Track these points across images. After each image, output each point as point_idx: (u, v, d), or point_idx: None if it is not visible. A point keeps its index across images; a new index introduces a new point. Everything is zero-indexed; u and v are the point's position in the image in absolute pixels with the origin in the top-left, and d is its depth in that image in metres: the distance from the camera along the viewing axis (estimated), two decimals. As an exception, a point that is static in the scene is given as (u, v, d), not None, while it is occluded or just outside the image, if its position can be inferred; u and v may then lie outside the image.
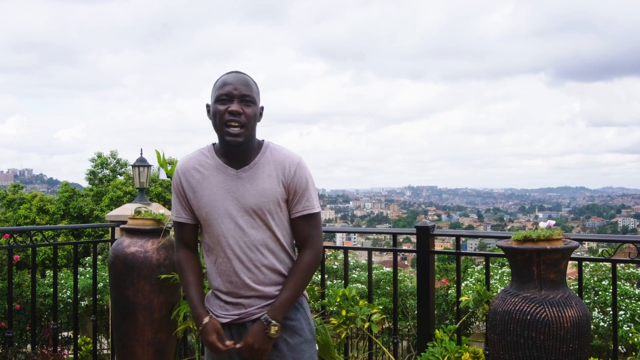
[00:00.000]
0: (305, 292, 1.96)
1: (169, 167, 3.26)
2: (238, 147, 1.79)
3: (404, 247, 3.82)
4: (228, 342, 1.79)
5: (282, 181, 1.84)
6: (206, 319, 1.84)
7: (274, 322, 1.79)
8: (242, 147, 1.81)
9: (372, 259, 3.49)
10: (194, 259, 1.97)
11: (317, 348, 2.01)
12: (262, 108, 1.88)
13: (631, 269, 7.05)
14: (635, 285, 6.84)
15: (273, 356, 1.84)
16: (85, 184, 19.38)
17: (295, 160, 1.86)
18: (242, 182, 1.83)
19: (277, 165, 1.85)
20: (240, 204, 1.82)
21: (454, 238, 3.27)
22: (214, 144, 1.91)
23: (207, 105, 1.87)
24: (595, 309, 6.19)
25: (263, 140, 1.90)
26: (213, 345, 1.80)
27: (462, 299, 2.95)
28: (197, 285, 1.92)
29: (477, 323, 6.79)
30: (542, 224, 2.40)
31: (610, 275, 3.24)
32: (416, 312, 3.30)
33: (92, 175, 18.96)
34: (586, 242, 3.21)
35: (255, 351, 1.78)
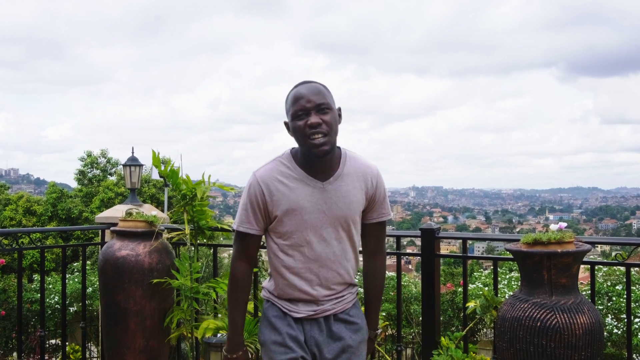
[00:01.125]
0: (357, 290, 2.11)
1: (163, 167, 3.26)
2: (325, 157, 1.85)
3: (408, 251, 3.82)
4: None
5: (366, 192, 1.96)
6: (240, 353, 2.01)
7: (377, 332, 2.19)
8: (328, 157, 1.87)
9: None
10: (250, 277, 2.04)
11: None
12: (339, 109, 1.93)
13: (646, 274, 7.05)
14: (650, 290, 6.84)
15: (339, 352, 1.96)
16: (74, 184, 19.39)
17: (375, 171, 1.99)
18: (329, 195, 1.91)
19: (359, 176, 1.95)
20: (327, 216, 1.91)
21: (461, 241, 3.27)
22: (291, 152, 1.95)
23: (286, 123, 1.91)
24: (609, 315, 6.19)
25: (340, 148, 1.96)
26: None
27: (469, 304, 2.95)
28: (245, 309, 2.02)
29: (485, 330, 6.79)
30: (553, 226, 2.40)
31: (625, 280, 3.24)
32: (421, 318, 3.30)
33: (81, 175, 18.96)
34: (599, 245, 3.21)
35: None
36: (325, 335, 1.97)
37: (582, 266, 2.48)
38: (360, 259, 2.15)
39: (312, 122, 1.79)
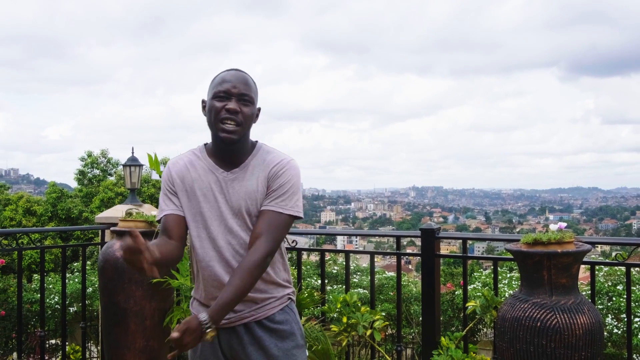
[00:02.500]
0: (292, 295, 1.96)
1: (162, 168, 3.26)
2: (231, 146, 1.81)
3: (408, 251, 3.82)
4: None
5: (266, 178, 1.85)
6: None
7: (210, 326, 1.67)
8: (236, 147, 1.83)
9: (375, 263, 3.49)
10: (170, 244, 1.83)
11: (307, 354, 2.02)
12: (259, 109, 1.90)
13: (646, 274, 7.05)
14: (650, 290, 6.84)
15: None
16: (74, 184, 19.38)
17: (285, 160, 1.87)
18: (232, 184, 1.85)
19: (265, 166, 1.86)
20: (229, 205, 1.85)
21: (461, 241, 3.27)
22: (205, 145, 1.93)
23: (203, 101, 1.88)
24: (609, 315, 6.19)
25: (256, 142, 1.92)
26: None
27: (469, 304, 2.95)
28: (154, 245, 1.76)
29: (485, 330, 6.80)
30: (553, 226, 2.40)
31: (625, 280, 3.24)
32: (421, 318, 3.30)
33: (81, 175, 18.96)
34: (599, 245, 3.21)
35: (183, 346, 1.63)
36: (245, 345, 1.85)
37: (582, 266, 2.48)
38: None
39: (230, 107, 1.77)
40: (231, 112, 1.77)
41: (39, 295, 4.59)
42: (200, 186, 1.86)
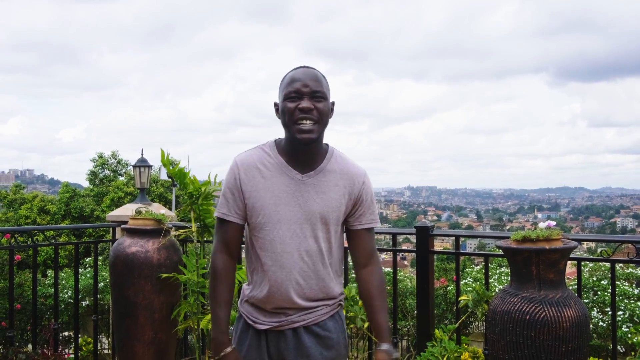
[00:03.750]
0: (342, 301, 1.86)
1: (171, 167, 3.26)
2: (309, 145, 1.68)
3: (404, 247, 3.82)
4: None
5: (349, 193, 1.76)
6: (229, 349, 1.72)
7: (395, 354, 1.76)
8: (313, 147, 1.71)
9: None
10: (233, 270, 1.79)
11: None
12: (333, 103, 1.76)
13: (630, 269, 7.05)
14: (634, 285, 6.84)
15: None
16: (86, 184, 19.40)
17: (362, 173, 1.79)
18: (307, 188, 1.72)
19: (344, 175, 1.76)
20: (303, 210, 1.72)
21: (454, 238, 3.27)
22: (275, 141, 1.78)
23: (275, 104, 1.75)
24: (594, 308, 6.19)
25: (328, 145, 1.80)
26: None
27: (462, 298, 2.95)
28: (228, 305, 1.76)
29: (477, 323, 6.79)
30: (541, 224, 2.40)
31: (609, 275, 3.24)
32: (416, 311, 3.30)
33: (93, 176, 18.97)
34: (585, 242, 3.22)
35: None
36: (292, 349, 1.74)
37: (569, 262, 2.48)
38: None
39: (303, 106, 1.64)
40: (305, 111, 1.65)
41: (53, 289, 4.59)
42: (272, 187, 1.72)
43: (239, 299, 1.87)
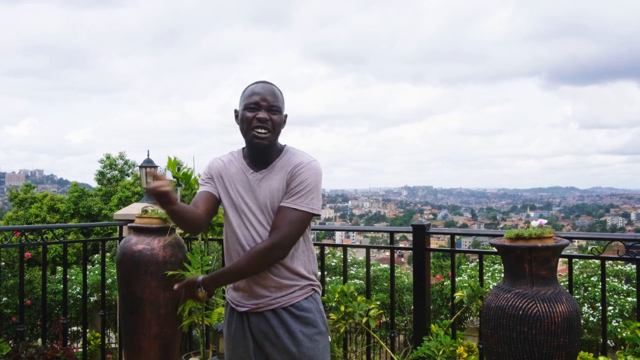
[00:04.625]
0: (317, 287, 1.99)
1: (177, 170, 3.27)
2: (263, 150, 1.87)
3: (401, 245, 3.81)
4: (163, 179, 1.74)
5: (286, 179, 1.88)
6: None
7: (202, 287, 1.87)
8: (266, 150, 1.88)
9: (370, 256, 3.49)
10: (194, 211, 1.87)
11: (330, 340, 2.03)
12: (286, 116, 1.95)
13: (619, 266, 7.05)
14: (623, 281, 6.84)
15: (290, 345, 1.87)
16: (94, 184, 19.37)
17: (305, 161, 1.87)
18: (259, 183, 1.90)
19: (288, 166, 1.89)
20: (257, 202, 1.90)
21: (449, 236, 3.27)
22: (243, 148, 1.99)
23: (236, 111, 1.94)
24: (585, 304, 6.19)
25: (285, 145, 1.97)
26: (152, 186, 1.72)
27: (457, 294, 2.95)
28: (185, 207, 1.83)
29: (471, 318, 6.79)
30: (534, 223, 2.39)
31: (600, 272, 3.24)
32: (412, 307, 3.29)
33: (100, 176, 18.95)
34: (576, 240, 3.22)
35: (180, 295, 1.96)
36: (275, 327, 1.87)
37: (560, 259, 2.48)
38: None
39: (260, 116, 1.83)
40: (262, 121, 1.83)
41: (62, 286, 4.59)
42: (235, 183, 1.93)
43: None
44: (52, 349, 2.94)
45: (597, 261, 6.10)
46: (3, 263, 6.27)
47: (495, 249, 2.50)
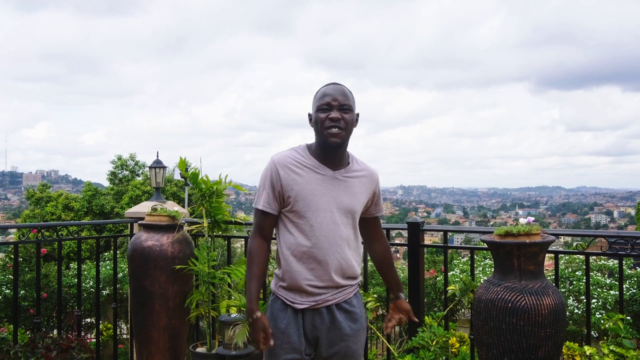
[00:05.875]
0: (361, 282, 2.02)
1: (187, 170, 3.27)
2: (337, 148, 1.83)
3: (397, 241, 3.81)
4: (272, 342, 1.82)
5: (371, 189, 1.95)
6: (258, 314, 1.82)
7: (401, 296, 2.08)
8: (340, 150, 1.85)
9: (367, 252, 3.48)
10: (266, 251, 1.92)
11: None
12: (358, 115, 1.91)
13: (603, 261, 7.05)
14: (606, 275, 6.84)
15: (337, 340, 1.87)
16: (106, 183, 19.38)
17: (377, 173, 1.99)
18: (339, 183, 1.87)
19: (367, 174, 1.94)
20: (335, 202, 1.85)
21: (442, 233, 3.27)
22: (307, 146, 1.92)
23: (309, 115, 1.90)
24: (570, 297, 6.19)
25: (349, 152, 1.95)
26: (257, 341, 1.82)
27: (450, 288, 2.95)
28: (259, 279, 1.88)
29: (463, 310, 6.79)
30: (522, 220, 2.39)
31: (584, 267, 3.24)
32: (407, 300, 3.29)
33: (112, 176, 18.95)
34: (562, 237, 3.22)
35: (407, 316, 2.09)
36: (326, 324, 1.87)
37: (547, 255, 2.48)
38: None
39: (332, 116, 1.80)
40: (334, 120, 1.81)
41: (76, 280, 4.59)
42: (309, 181, 1.85)
43: (272, 283, 1.96)
44: (67, 339, 2.95)
45: (582, 256, 6.10)
46: (21, 258, 6.27)
47: (485, 245, 2.50)
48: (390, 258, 2.14)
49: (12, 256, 4.97)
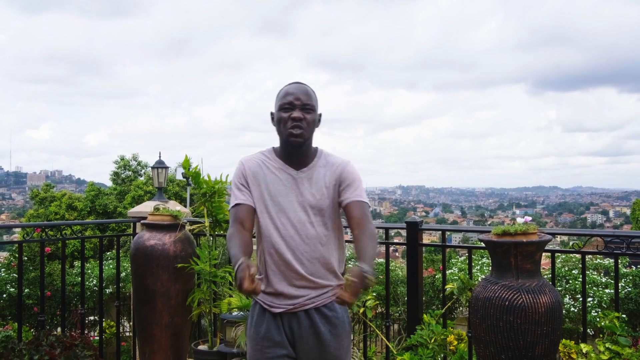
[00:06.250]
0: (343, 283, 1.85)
1: (190, 169, 3.28)
2: (299, 148, 1.78)
3: (396, 241, 3.82)
4: (257, 280, 1.55)
5: (334, 179, 1.82)
6: (242, 259, 1.60)
7: (369, 272, 1.57)
8: (302, 149, 1.80)
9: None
10: (246, 234, 1.79)
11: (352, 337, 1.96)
12: (320, 115, 1.86)
13: (598, 260, 7.05)
14: (602, 274, 6.84)
15: (316, 346, 1.79)
16: (109, 183, 19.37)
17: (344, 162, 1.86)
18: (302, 181, 1.81)
19: (330, 166, 1.84)
20: (299, 200, 1.80)
21: (440, 232, 3.27)
22: (274, 148, 1.88)
23: (272, 114, 1.84)
24: (567, 295, 6.18)
25: (317, 147, 1.89)
26: (242, 279, 1.51)
27: (448, 286, 2.95)
28: (242, 247, 1.70)
29: (461, 308, 6.78)
30: (519, 220, 2.39)
31: (580, 266, 3.24)
32: (406, 298, 3.29)
33: (115, 176, 18.95)
34: (558, 236, 3.21)
35: (356, 293, 1.52)
36: (304, 328, 1.79)
37: (544, 253, 2.48)
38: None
39: (295, 115, 1.75)
40: (296, 120, 1.75)
41: (80, 278, 4.59)
42: (273, 181, 1.81)
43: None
44: (70, 336, 2.94)
45: (578, 255, 6.09)
46: (25, 257, 6.27)
47: (483, 244, 2.50)
48: (372, 237, 1.72)
49: (17, 255, 4.98)
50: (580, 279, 3.06)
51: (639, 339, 2.46)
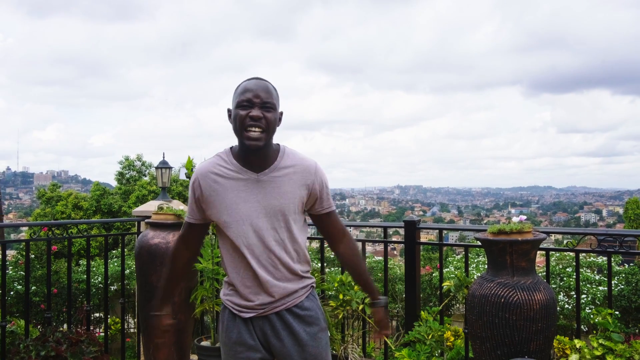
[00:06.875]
0: (314, 283, 1.81)
1: (192, 170, 3.28)
2: (258, 151, 1.62)
3: (394, 239, 3.81)
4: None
5: (305, 185, 1.69)
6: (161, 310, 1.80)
7: (386, 301, 1.83)
8: (262, 151, 1.63)
9: (366, 249, 3.49)
10: (186, 261, 1.82)
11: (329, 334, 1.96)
12: (281, 113, 1.69)
13: (592, 258, 7.05)
14: (595, 272, 6.84)
15: (295, 346, 1.70)
16: (114, 183, 19.36)
17: (313, 164, 1.72)
18: (264, 185, 1.66)
19: (297, 168, 1.69)
20: (262, 205, 1.65)
21: (437, 231, 3.27)
22: (231, 148, 1.72)
23: (229, 110, 1.68)
24: (561, 293, 6.18)
25: (278, 144, 1.72)
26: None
27: (445, 284, 2.95)
28: (169, 281, 1.83)
29: (458, 305, 6.78)
30: (514, 219, 2.40)
31: (574, 264, 3.24)
32: (404, 295, 3.30)
33: (120, 176, 18.94)
34: (553, 235, 3.22)
35: (385, 324, 1.83)
36: (278, 330, 1.70)
37: (538, 252, 2.48)
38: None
39: (253, 114, 1.58)
40: (255, 119, 1.58)
41: (85, 276, 4.59)
42: (232, 189, 1.66)
43: (221, 292, 1.82)
44: (76, 333, 2.95)
45: (572, 253, 6.10)
46: (32, 255, 6.27)
47: (479, 243, 2.50)
48: (358, 259, 1.82)
49: (24, 253, 4.98)
50: (574, 277, 3.06)
51: (631, 335, 2.46)
